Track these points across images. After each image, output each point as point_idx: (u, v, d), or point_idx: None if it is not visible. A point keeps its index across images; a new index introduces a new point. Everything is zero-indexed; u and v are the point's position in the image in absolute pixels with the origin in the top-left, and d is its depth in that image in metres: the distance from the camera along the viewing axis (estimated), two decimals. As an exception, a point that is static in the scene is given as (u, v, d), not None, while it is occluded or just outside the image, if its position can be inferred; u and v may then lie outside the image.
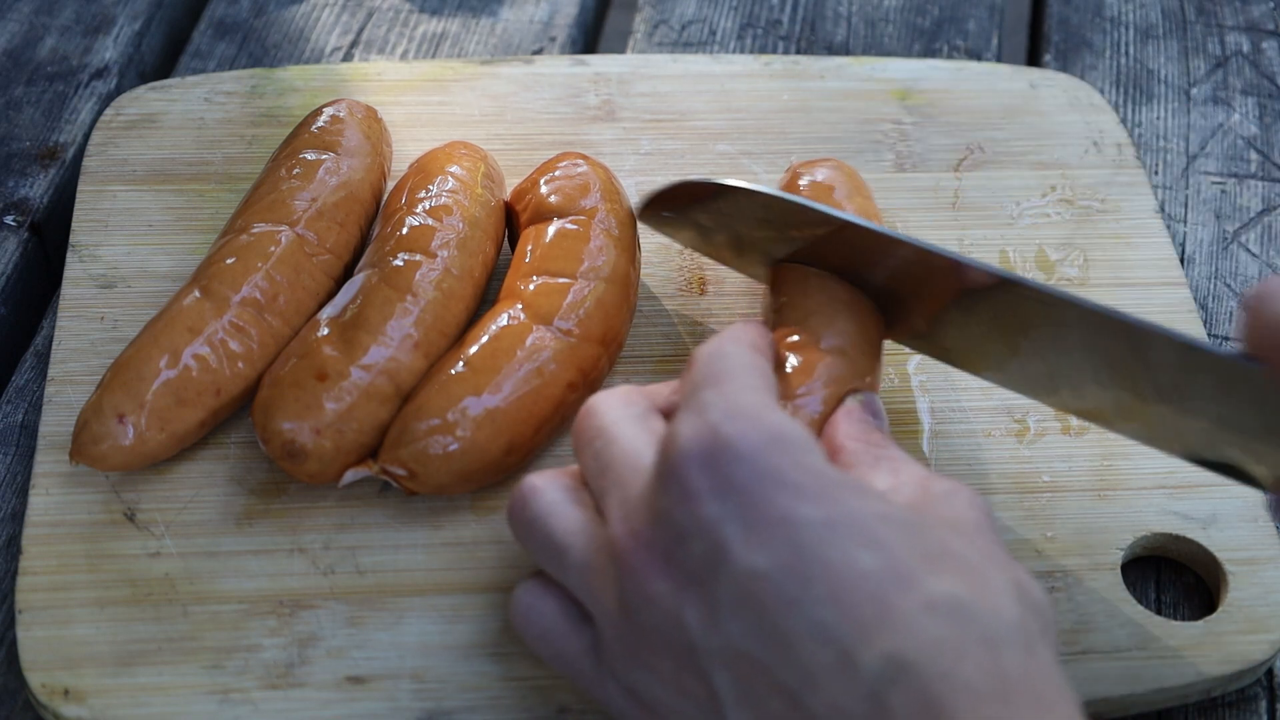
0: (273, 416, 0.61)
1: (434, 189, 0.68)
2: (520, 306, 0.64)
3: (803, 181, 0.70)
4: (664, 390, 0.58)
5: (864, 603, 0.47)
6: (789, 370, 0.60)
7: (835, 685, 0.46)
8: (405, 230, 0.66)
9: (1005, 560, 0.50)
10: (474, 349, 0.63)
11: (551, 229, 0.68)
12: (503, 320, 0.64)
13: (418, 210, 0.67)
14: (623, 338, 0.67)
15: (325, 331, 0.63)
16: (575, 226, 0.67)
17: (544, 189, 0.70)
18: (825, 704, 0.46)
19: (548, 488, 0.56)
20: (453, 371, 0.62)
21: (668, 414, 0.56)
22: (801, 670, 0.47)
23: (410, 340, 0.63)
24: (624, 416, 0.55)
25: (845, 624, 0.46)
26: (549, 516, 0.55)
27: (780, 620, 0.47)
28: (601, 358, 0.65)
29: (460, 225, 0.67)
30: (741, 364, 0.53)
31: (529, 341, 0.63)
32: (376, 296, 0.64)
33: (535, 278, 0.66)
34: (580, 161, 0.71)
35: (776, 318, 0.63)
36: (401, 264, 0.65)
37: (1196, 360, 0.53)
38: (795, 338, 0.61)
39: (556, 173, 0.70)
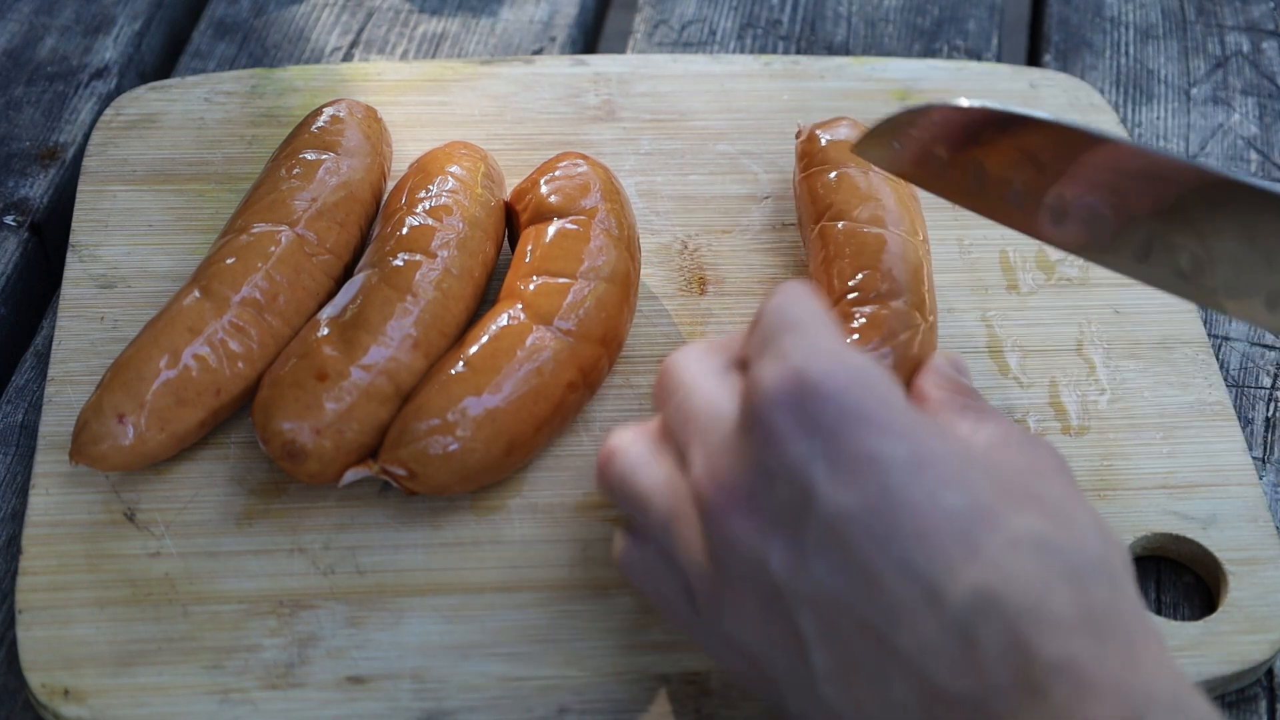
0: (273, 416, 0.61)
1: (434, 189, 0.68)
2: (520, 306, 0.64)
3: (825, 138, 0.72)
4: (737, 341, 0.58)
5: (950, 540, 0.47)
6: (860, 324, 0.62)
7: (922, 622, 0.47)
8: (405, 230, 0.66)
9: (1084, 501, 0.51)
10: (474, 349, 0.63)
11: (551, 229, 0.68)
12: (503, 320, 0.64)
13: (418, 210, 0.67)
14: (623, 338, 0.67)
15: (325, 331, 0.63)
16: (575, 226, 0.67)
17: (544, 189, 0.70)
18: (912, 641, 0.47)
19: (632, 444, 0.56)
20: (453, 371, 0.62)
21: (743, 367, 0.56)
22: (888, 608, 0.47)
23: (410, 340, 0.63)
24: (705, 369, 0.55)
25: (932, 561, 0.47)
26: (634, 472, 0.55)
27: (866, 559, 0.48)
28: (602, 358, 0.65)
29: (460, 225, 0.67)
30: (811, 312, 0.53)
31: (529, 341, 0.63)
32: (376, 296, 0.64)
33: (535, 278, 0.66)
34: (580, 161, 0.71)
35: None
36: (401, 264, 0.65)
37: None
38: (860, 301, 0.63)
39: (556, 173, 0.70)
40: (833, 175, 0.70)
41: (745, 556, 0.50)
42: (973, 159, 0.62)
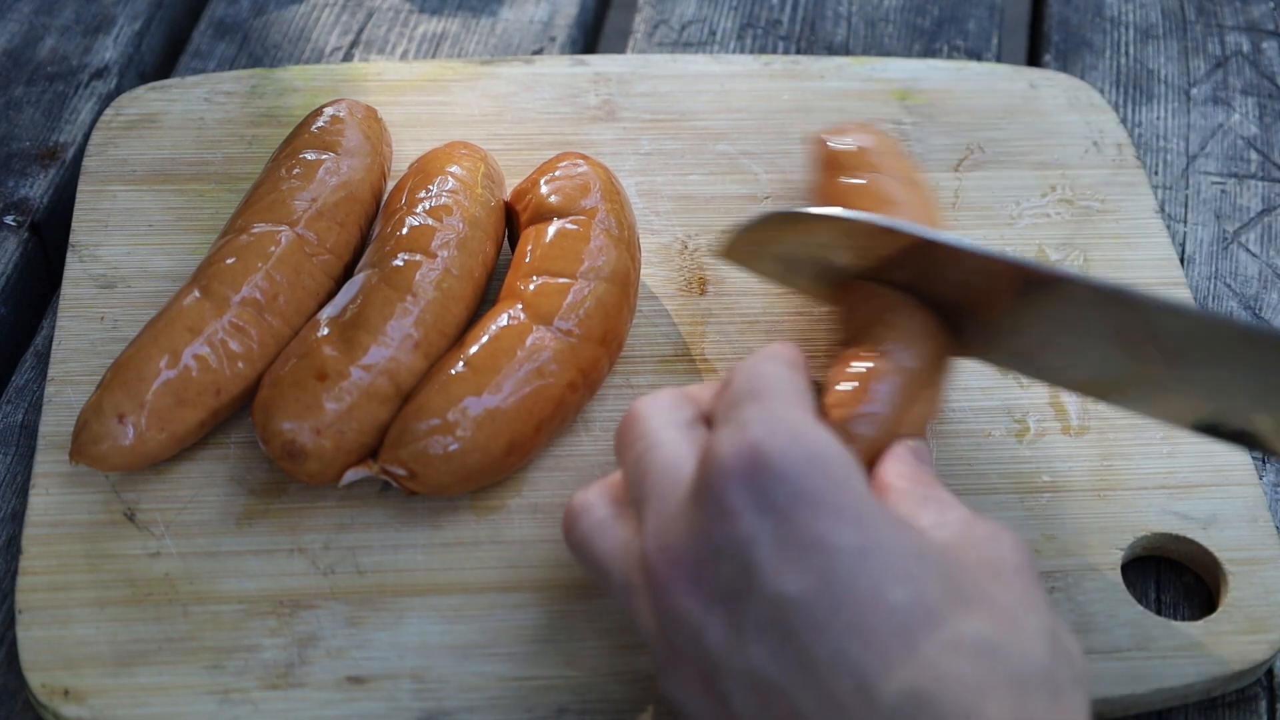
0: (273, 416, 0.61)
1: (434, 189, 0.68)
2: (520, 306, 0.64)
3: (834, 145, 0.72)
4: (707, 393, 0.57)
5: (889, 635, 0.46)
6: (847, 389, 0.60)
7: (853, 716, 0.46)
8: (405, 230, 0.66)
9: (1042, 607, 0.50)
10: (474, 349, 0.63)
11: (551, 229, 0.68)
12: (503, 320, 0.64)
13: (418, 210, 0.67)
14: (623, 338, 0.67)
15: (325, 331, 0.63)
16: (575, 226, 0.67)
17: (544, 189, 0.70)
18: None
19: (595, 505, 0.55)
20: (453, 371, 0.62)
21: (709, 422, 0.55)
22: (821, 698, 0.46)
23: (410, 340, 0.63)
24: (668, 422, 0.54)
25: (867, 655, 0.46)
26: (593, 537, 0.55)
27: (804, 645, 0.47)
28: (602, 358, 0.65)
29: (460, 225, 0.67)
30: (781, 381, 0.53)
31: (529, 341, 0.63)
32: (376, 296, 0.64)
33: (535, 278, 0.66)
34: (580, 161, 0.71)
35: (844, 335, 0.63)
36: (401, 264, 0.65)
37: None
38: (859, 359, 0.61)
39: (557, 173, 0.70)
40: (847, 182, 0.70)
41: (686, 630, 0.49)
42: (810, 255, 0.64)
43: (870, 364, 0.60)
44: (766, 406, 0.51)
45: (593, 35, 0.94)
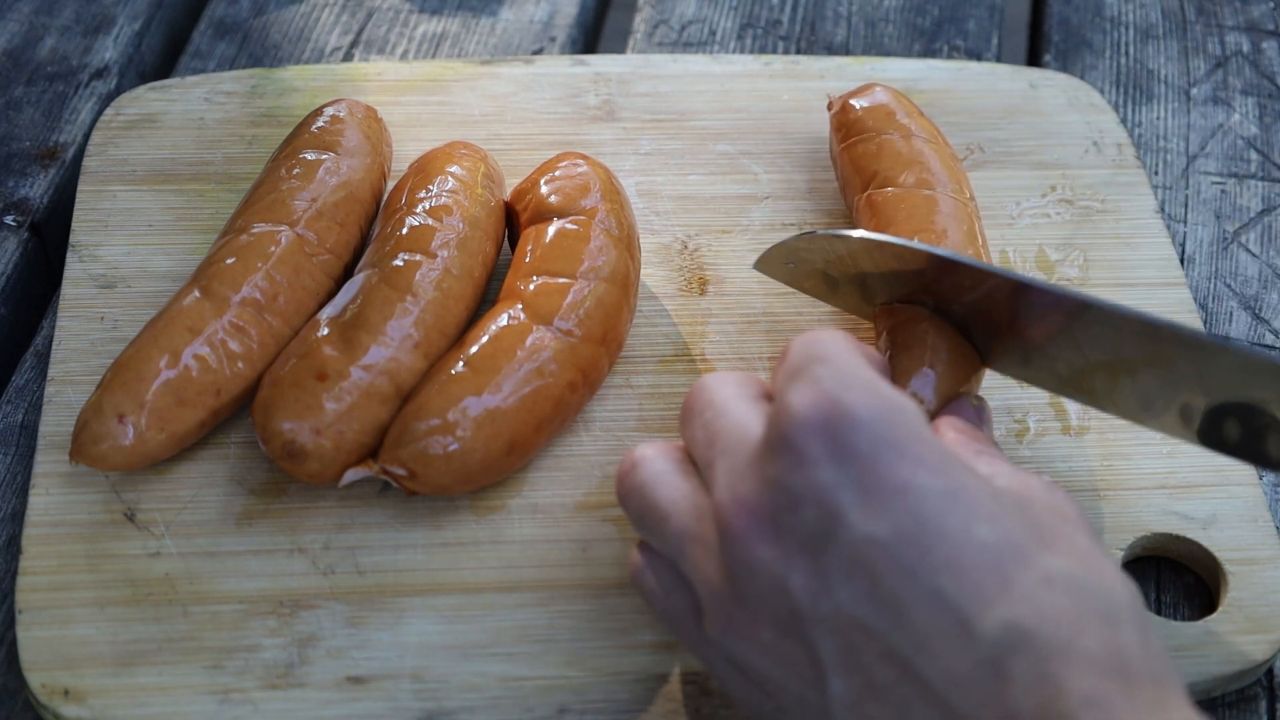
0: (273, 416, 0.61)
1: (434, 189, 0.68)
2: (520, 306, 0.64)
3: (859, 106, 0.73)
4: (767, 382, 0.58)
5: (983, 572, 0.47)
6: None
7: (951, 651, 0.46)
8: (405, 230, 0.66)
9: (1107, 555, 0.51)
10: (474, 349, 0.63)
11: (551, 229, 0.68)
12: (503, 320, 0.64)
13: (418, 210, 0.67)
14: (623, 338, 0.67)
15: (325, 331, 0.63)
16: (575, 227, 0.67)
17: (544, 189, 0.70)
18: (938, 670, 0.46)
19: (656, 457, 0.56)
20: (453, 371, 0.62)
21: (771, 399, 0.55)
22: (915, 636, 0.47)
23: (410, 340, 0.63)
24: (736, 394, 0.55)
25: (964, 592, 0.47)
26: (654, 484, 0.55)
27: (896, 586, 0.47)
28: (602, 358, 0.65)
29: (460, 225, 0.67)
30: (843, 346, 0.53)
31: (529, 341, 0.63)
32: (376, 296, 0.64)
33: (535, 278, 0.66)
34: (580, 161, 0.71)
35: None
36: (401, 264, 0.65)
37: None
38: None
39: (557, 173, 0.70)
40: (874, 143, 0.71)
41: (765, 579, 0.50)
42: (857, 278, 0.65)
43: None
44: (836, 364, 0.51)
45: (593, 35, 0.94)
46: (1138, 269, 0.74)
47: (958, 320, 0.63)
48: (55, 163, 0.80)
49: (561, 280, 0.65)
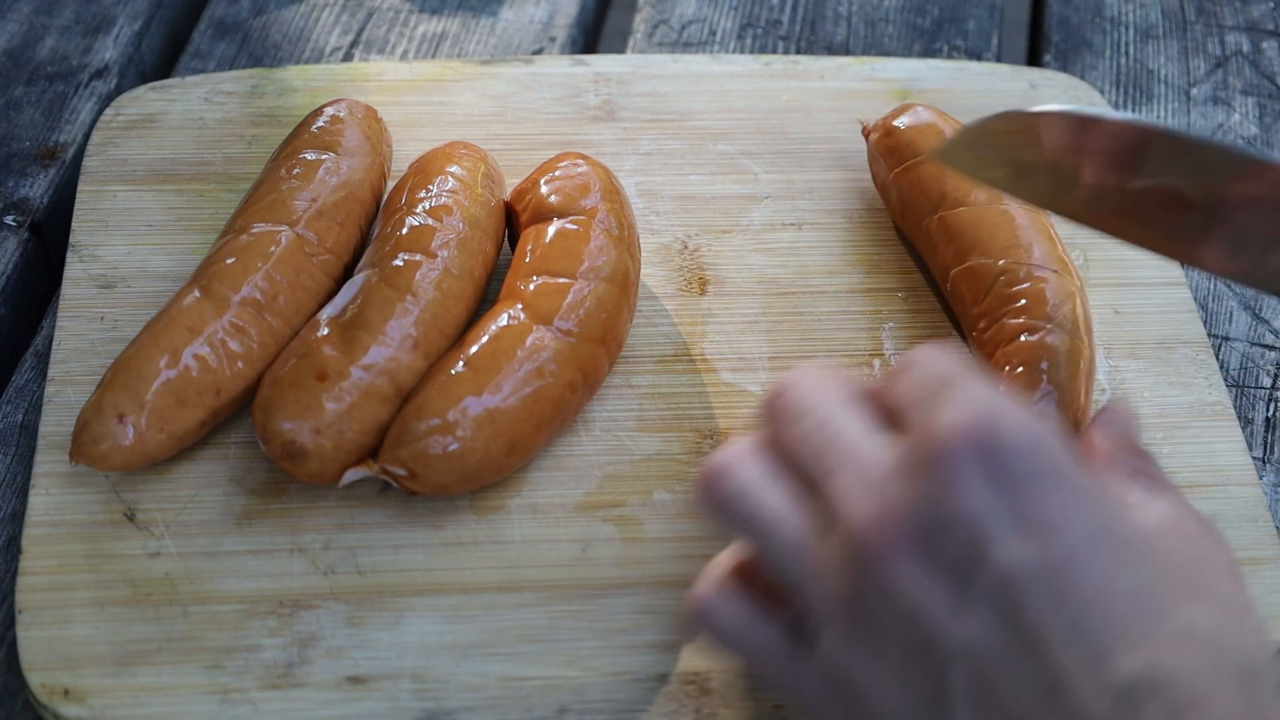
0: (273, 416, 0.61)
1: (434, 189, 0.68)
2: (520, 306, 0.64)
3: (905, 126, 0.72)
4: (866, 383, 0.55)
5: (1128, 614, 0.46)
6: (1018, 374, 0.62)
7: (1084, 688, 0.45)
8: (405, 230, 0.66)
9: (1251, 602, 0.50)
10: (474, 349, 0.63)
11: (551, 229, 0.68)
12: (503, 320, 0.64)
13: (418, 210, 0.67)
14: (623, 338, 0.67)
15: (325, 331, 0.63)
16: (575, 227, 0.67)
17: (544, 189, 0.70)
18: (1073, 708, 0.45)
19: (745, 463, 0.53)
20: (453, 371, 0.62)
21: (884, 409, 0.53)
22: (1052, 671, 0.46)
23: (410, 340, 0.63)
24: (837, 399, 0.53)
25: (1106, 630, 0.46)
26: (753, 494, 0.52)
27: (1038, 619, 0.46)
28: (602, 358, 0.65)
29: (460, 225, 0.67)
30: (969, 370, 0.52)
31: (529, 341, 0.63)
32: (377, 296, 0.64)
33: (535, 278, 0.66)
34: (580, 161, 0.71)
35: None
36: (402, 264, 0.65)
37: None
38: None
39: (556, 173, 0.70)
40: (933, 164, 0.70)
41: (902, 601, 0.48)
42: (1066, 163, 0.59)
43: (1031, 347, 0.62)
44: (978, 388, 0.50)
45: (593, 35, 0.94)
46: (1138, 269, 0.74)
47: (1149, 217, 0.58)
48: (55, 163, 0.80)
49: (562, 280, 0.65)
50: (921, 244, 0.72)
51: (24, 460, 0.66)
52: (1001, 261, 0.67)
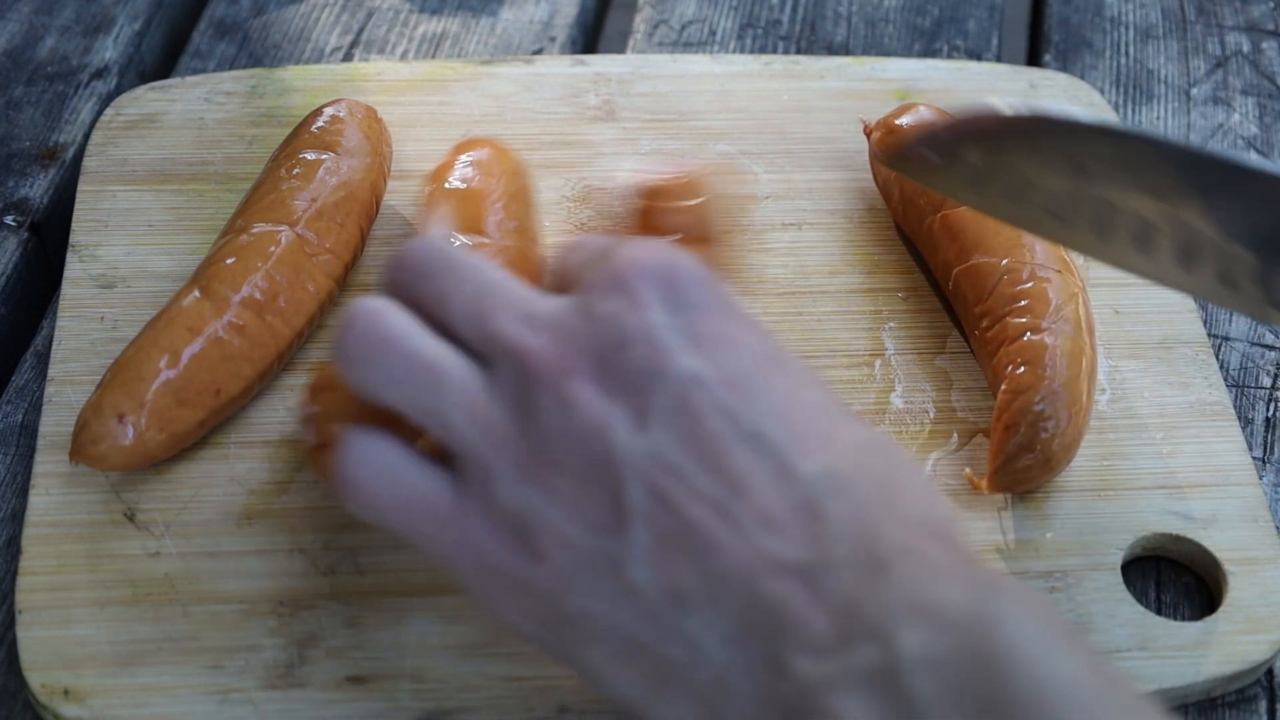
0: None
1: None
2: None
3: (908, 124, 0.72)
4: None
5: (807, 426, 0.48)
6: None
7: (767, 493, 0.46)
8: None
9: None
10: None
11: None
12: None
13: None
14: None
15: None
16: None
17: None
18: (753, 511, 0.46)
19: (391, 310, 0.51)
20: None
21: (558, 281, 0.54)
22: (732, 478, 0.47)
23: None
24: (474, 260, 0.53)
25: (787, 437, 0.47)
26: (409, 337, 0.51)
27: (717, 427, 0.47)
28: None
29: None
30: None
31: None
32: None
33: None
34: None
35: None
36: None
37: None
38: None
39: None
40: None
41: (580, 419, 0.48)
42: (1013, 167, 0.59)
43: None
44: (649, 243, 0.52)
45: (593, 35, 0.94)
46: (1138, 269, 0.74)
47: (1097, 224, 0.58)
48: (55, 163, 0.80)
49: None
50: (923, 243, 0.72)
51: (24, 460, 0.66)
52: (1004, 261, 0.67)
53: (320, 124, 0.72)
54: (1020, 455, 0.62)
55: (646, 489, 0.47)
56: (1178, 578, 0.64)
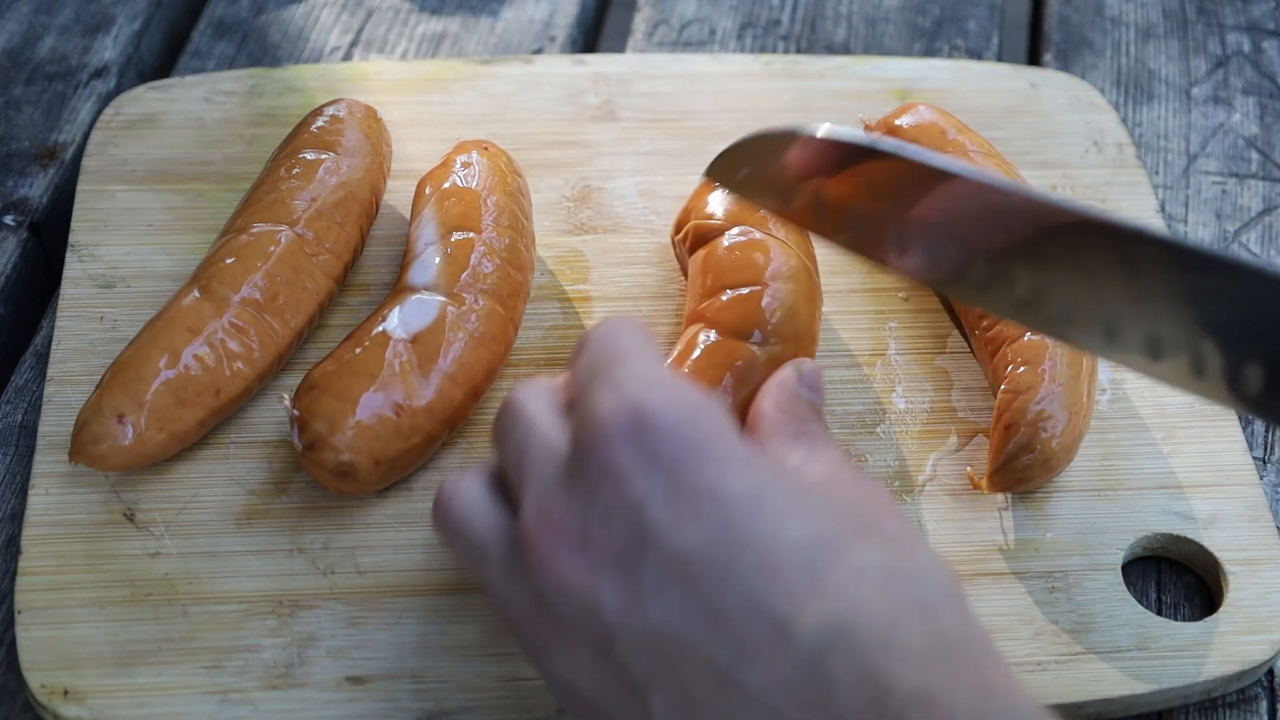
0: (335, 432, 0.60)
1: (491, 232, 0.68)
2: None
3: (906, 125, 0.72)
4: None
5: (794, 572, 0.46)
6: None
7: (770, 657, 0.45)
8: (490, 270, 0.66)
9: (918, 534, 0.51)
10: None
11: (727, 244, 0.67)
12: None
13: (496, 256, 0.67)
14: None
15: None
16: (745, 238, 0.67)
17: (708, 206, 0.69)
18: (760, 678, 0.45)
19: (467, 488, 0.54)
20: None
21: (572, 403, 0.54)
22: (732, 645, 0.46)
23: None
24: (544, 408, 0.53)
25: (777, 595, 0.46)
26: (467, 519, 0.53)
27: (709, 595, 0.46)
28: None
29: (525, 282, 0.67)
30: (640, 342, 0.52)
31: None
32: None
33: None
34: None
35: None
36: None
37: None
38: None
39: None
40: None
41: (576, 600, 0.48)
42: (815, 187, 0.59)
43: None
44: (635, 365, 0.50)
45: (593, 35, 0.94)
46: (1138, 269, 0.74)
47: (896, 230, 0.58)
48: (55, 162, 0.80)
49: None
50: None
51: (24, 460, 0.66)
52: None
53: (320, 124, 0.72)
54: (1020, 455, 0.62)
55: (651, 663, 0.47)
56: (1178, 578, 0.64)
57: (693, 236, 0.68)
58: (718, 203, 0.68)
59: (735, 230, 0.67)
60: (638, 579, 0.47)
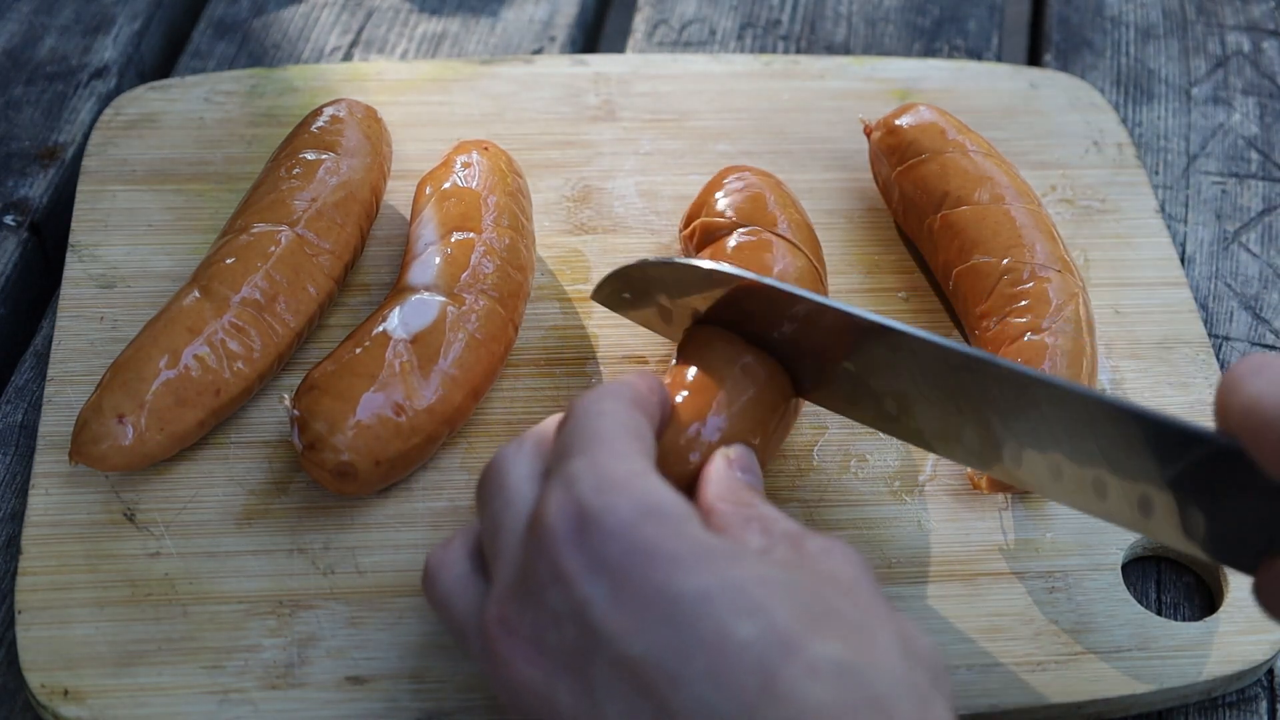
0: (335, 432, 0.60)
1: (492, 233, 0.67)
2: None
3: (907, 124, 0.72)
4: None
5: (746, 675, 0.45)
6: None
7: None
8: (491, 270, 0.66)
9: (886, 613, 0.49)
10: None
11: (732, 241, 0.67)
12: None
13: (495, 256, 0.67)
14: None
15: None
16: (752, 237, 0.67)
17: (719, 202, 0.69)
18: None
19: (451, 562, 0.54)
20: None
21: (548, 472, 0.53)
22: None
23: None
24: (526, 475, 0.53)
25: (727, 699, 0.45)
26: (451, 598, 0.53)
27: (663, 700, 0.46)
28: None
29: (525, 282, 0.67)
30: (618, 424, 0.52)
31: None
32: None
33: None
34: (746, 174, 0.70)
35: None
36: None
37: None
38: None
39: (729, 184, 0.69)
40: (936, 163, 0.71)
41: (534, 699, 0.48)
42: (688, 308, 0.61)
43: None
44: (594, 459, 0.50)
45: (593, 35, 0.94)
46: (1138, 269, 0.74)
47: (779, 350, 0.60)
48: (55, 163, 0.80)
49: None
50: (923, 243, 0.72)
51: (24, 460, 0.66)
52: (1005, 261, 0.67)
53: (320, 124, 0.72)
54: None
55: None
56: (1178, 578, 0.64)
57: (701, 233, 0.68)
58: (727, 201, 0.68)
59: (744, 229, 0.67)
60: (590, 681, 0.47)
